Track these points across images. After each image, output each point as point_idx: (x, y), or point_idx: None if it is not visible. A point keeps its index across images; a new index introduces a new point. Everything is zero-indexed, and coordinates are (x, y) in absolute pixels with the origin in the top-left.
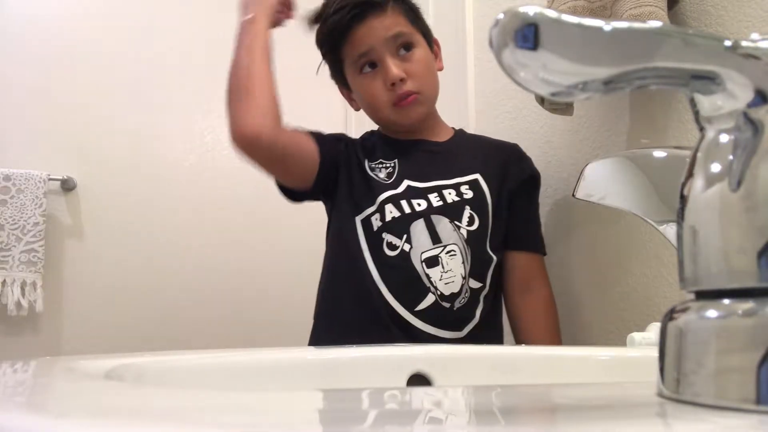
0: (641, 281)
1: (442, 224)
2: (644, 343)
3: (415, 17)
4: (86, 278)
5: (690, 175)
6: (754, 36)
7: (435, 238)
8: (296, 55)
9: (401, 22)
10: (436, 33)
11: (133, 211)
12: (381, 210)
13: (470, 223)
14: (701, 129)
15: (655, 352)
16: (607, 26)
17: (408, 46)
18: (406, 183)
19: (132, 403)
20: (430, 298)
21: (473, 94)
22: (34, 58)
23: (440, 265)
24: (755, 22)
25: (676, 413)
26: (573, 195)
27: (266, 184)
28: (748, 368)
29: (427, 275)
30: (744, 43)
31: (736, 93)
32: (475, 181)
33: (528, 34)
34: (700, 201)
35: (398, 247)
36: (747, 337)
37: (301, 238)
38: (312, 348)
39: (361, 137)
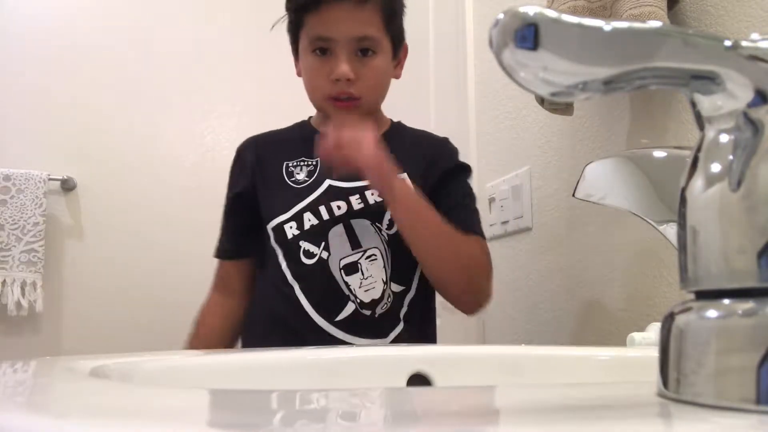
0: (641, 281)
1: (363, 227)
2: (644, 343)
3: (390, 19)
4: (86, 278)
5: (690, 175)
6: (754, 36)
7: (354, 243)
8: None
9: (374, 23)
10: (436, 33)
11: (133, 211)
12: (298, 218)
13: (390, 225)
14: (701, 129)
15: (655, 352)
16: (607, 26)
17: (367, 51)
18: (327, 183)
19: (132, 403)
20: (350, 307)
21: (473, 94)
22: (34, 58)
23: (359, 272)
24: (755, 22)
25: (676, 413)
26: (573, 195)
27: None
28: (748, 368)
29: (346, 283)
30: (744, 43)
31: (736, 93)
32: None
33: (528, 34)
34: (700, 201)
35: (315, 255)
36: (747, 337)
37: None
38: (312, 348)
39: (285, 129)
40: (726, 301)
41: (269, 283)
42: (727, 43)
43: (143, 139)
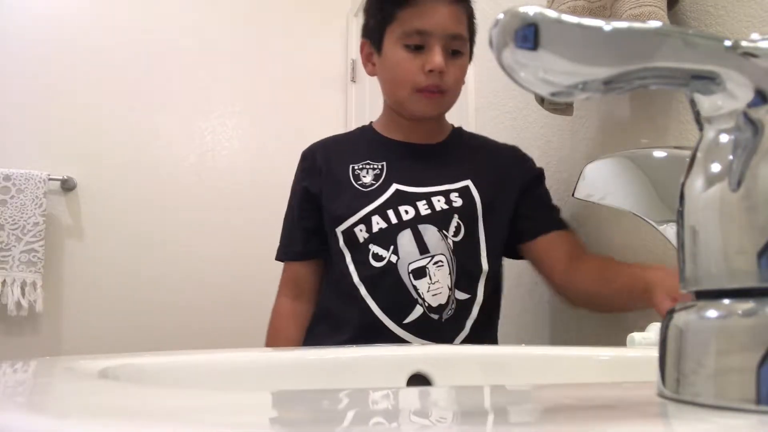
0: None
1: (430, 233)
2: (644, 343)
3: (472, 25)
4: (86, 278)
5: (690, 175)
6: (754, 36)
7: (422, 248)
8: (299, 58)
9: (463, 23)
10: None
11: (133, 211)
12: (366, 221)
13: (456, 233)
14: (701, 129)
15: (655, 352)
16: (607, 26)
17: (457, 52)
18: (394, 186)
19: (132, 403)
20: (418, 310)
21: (473, 94)
22: (34, 58)
23: (427, 276)
24: (755, 22)
25: (676, 413)
26: (573, 195)
27: (266, 184)
28: (748, 368)
29: (415, 287)
30: (744, 43)
31: (736, 93)
32: (466, 188)
33: (528, 34)
34: (700, 201)
35: (385, 258)
36: (747, 337)
37: None
38: (312, 348)
39: (348, 134)
40: (726, 301)
41: (334, 286)
42: (727, 43)
43: (143, 139)
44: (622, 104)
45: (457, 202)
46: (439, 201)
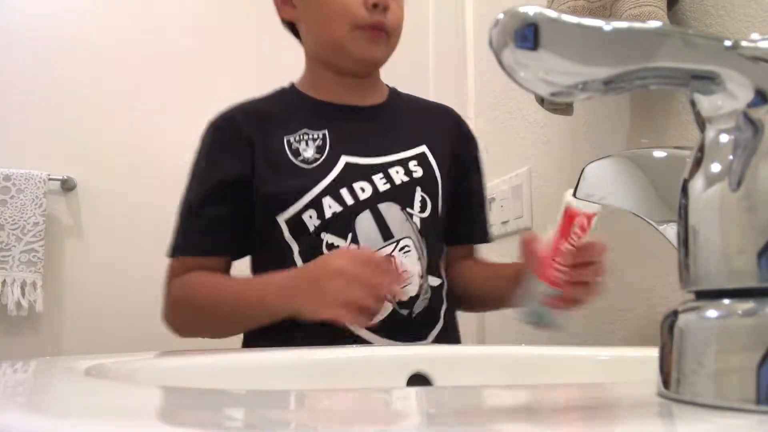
0: (641, 281)
1: (392, 213)
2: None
3: None
4: (86, 278)
5: (690, 175)
6: (754, 36)
7: (386, 233)
8: (299, 58)
9: None
10: (436, 33)
11: (133, 211)
12: (316, 205)
13: (423, 208)
14: (701, 129)
15: (655, 352)
16: (607, 26)
17: None
18: (343, 159)
19: (132, 403)
20: (386, 308)
21: (473, 94)
22: (34, 58)
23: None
24: (755, 22)
25: (676, 413)
26: (573, 195)
27: None
28: (748, 368)
29: None
30: (744, 43)
31: (736, 93)
32: (423, 155)
33: (528, 34)
34: (700, 201)
35: (338, 247)
36: (747, 337)
37: None
38: (313, 348)
39: (266, 97)
40: (726, 301)
41: None
42: (727, 43)
43: (143, 139)
44: (622, 104)
45: (417, 171)
46: (398, 173)
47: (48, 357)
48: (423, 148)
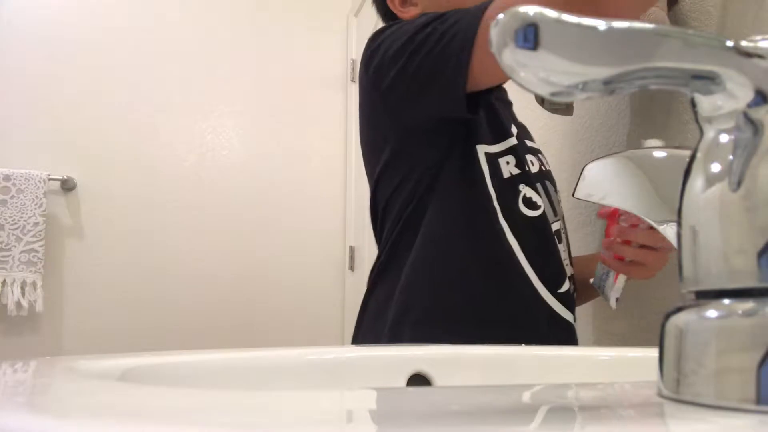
0: (641, 281)
1: (552, 193)
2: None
3: None
4: (86, 278)
5: (690, 175)
6: (754, 36)
7: (553, 209)
8: (299, 58)
9: None
10: None
11: (133, 211)
12: (516, 154)
13: (559, 201)
14: (701, 129)
15: (655, 353)
16: (607, 26)
17: None
18: (514, 129)
19: (132, 403)
20: (567, 281)
21: None
22: (34, 58)
23: (564, 242)
24: (755, 22)
25: (676, 413)
26: (573, 195)
27: (266, 184)
28: (748, 368)
29: (559, 251)
30: (744, 43)
31: (736, 93)
32: (540, 151)
33: (528, 34)
34: (700, 201)
35: (540, 206)
36: (747, 337)
37: (301, 237)
38: (312, 348)
39: None
40: (726, 301)
41: (472, 229)
42: (727, 43)
43: (143, 140)
44: (622, 104)
45: (548, 166)
46: (541, 162)
47: (48, 357)
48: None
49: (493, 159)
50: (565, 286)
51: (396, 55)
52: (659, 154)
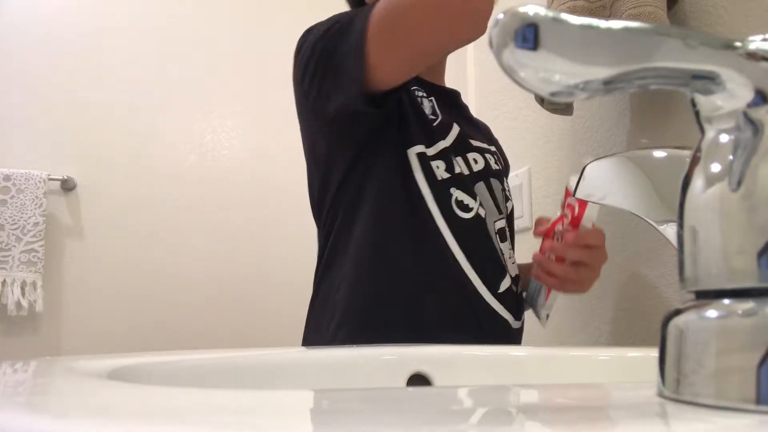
0: (641, 281)
1: (498, 191)
2: None
3: None
4: (86, 278)
5: (690, 175)
6: (754, 36)
7: (498, 207)
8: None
9: None
10: None
11: (133, 211)
12: (446, 159)
13: (507, 198)
14: (701, 129)
15: (655, 352)
16: (607, 26)
17: None
18: (457, 128)
19: (132, 403)
20: (507, 279)
21: (473, 94)
22: (34, 58)
23: (508, 240)
24: (755, 22)
25: (676, 413)
26: (573, 195)
27: (266, 184)
28: (748, 368)
29: (500, 250)
30: (744, 43)
31: (736, 93)
32: (498, 152)
33: (528, 34)
34: (700, 201)
35: (472, 209)
36: (747, 337)
37: (302, 237)
38: (312, 348)
39: None
40: (726, 301)
41: (408, 232)
42: (727, 43)
43: (143, 139)
44: (622, 104)
45: (499, 165)
46: (491, 159)
47: (48, 357)
48: (493, 148)
49: (426, 162)
50: (504, 286)
51: (308, 55)
52: (659, 154)
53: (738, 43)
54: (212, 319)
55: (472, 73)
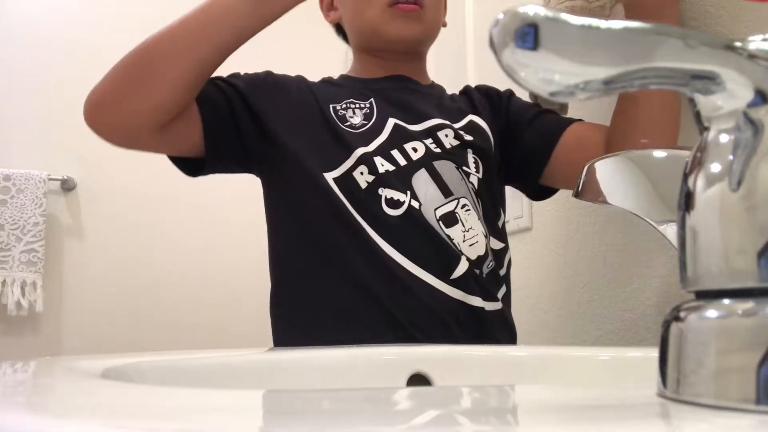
0: (642, 281)
1: (449, 171)
2: None
3: None
4: (86, 278)
5: (690, 175)
6: (754, 36)
7: (445, 190)
8: (299, 58)
9: None
10: None
11: (133, 211)
12: (368, 163)
13: (477, 168)
14: (701, 129)
15: (655, 353)
16: (606, 26)
17: None
18: (392, 122)
19: (132, 403)
20: (464, 264)
21: None
22: (34, 58)
23: (460, 223)
24: (755, 22)
25: (676, 413)
26: (573, 195)
27: None
28: (748, 368)
29: (449, 236)
30: (744, 44)
31: (736, 93)
32: (472, 122)
33: (528, 34)
34: (700, 201)
35: (403, 203)
36: (747, 337)
37: None
38: (312, 348)
39: (319, 82)
40: (726, 301)
41: (340, 255)
42: (727, 43)
43: None
44: None
45: (468, 137)
46: (447, 136)
47: (48, 357)
48: (471, 117)
49: (346, 176)
50: (460, 271)
51: None
52: (659, 154)
53: (738, 43)
54: (212, 318)
55: (472, 72)
